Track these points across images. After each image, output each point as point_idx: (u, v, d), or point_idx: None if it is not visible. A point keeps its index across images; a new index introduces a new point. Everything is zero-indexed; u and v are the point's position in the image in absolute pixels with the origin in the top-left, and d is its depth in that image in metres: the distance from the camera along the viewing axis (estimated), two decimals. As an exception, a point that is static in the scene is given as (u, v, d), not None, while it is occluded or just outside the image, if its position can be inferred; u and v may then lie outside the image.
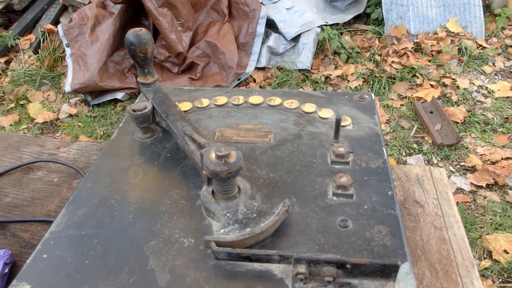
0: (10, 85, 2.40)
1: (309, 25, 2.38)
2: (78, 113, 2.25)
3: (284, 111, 0.63)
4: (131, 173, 0.52)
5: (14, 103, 2.32)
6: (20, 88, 2.37)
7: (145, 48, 0.55)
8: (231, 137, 0.58)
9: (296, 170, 0.52)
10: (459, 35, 2.48)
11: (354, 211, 0.46)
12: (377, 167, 0.52)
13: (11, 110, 2.29)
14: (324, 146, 0.55)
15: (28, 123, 2.21)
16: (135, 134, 0.59)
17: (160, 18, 2.14)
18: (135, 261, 0.41)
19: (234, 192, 0.45)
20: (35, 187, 0.75)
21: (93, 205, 0.48)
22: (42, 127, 2.19)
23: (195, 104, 0.65)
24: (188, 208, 0.47)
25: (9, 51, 2.58)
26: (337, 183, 0.48)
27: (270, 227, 0.42)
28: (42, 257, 0.41)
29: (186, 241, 0.43)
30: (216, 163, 0.41)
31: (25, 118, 2.23)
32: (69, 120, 2.22)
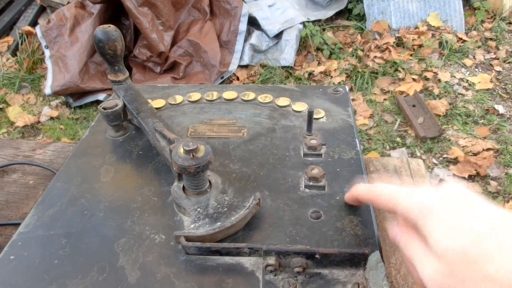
0: (-12, 89, 2.35)
1: (291, 21, 2.38)
2: (59, 115, 2.22)
3: (258, 105, 0.63)
4: (103, 171, 0.52)
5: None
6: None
7: (114, 44, 0.55)
8: (204, 133, 0.57)
9: (269, 164, 0.52)
10: (439, 29, 2.51)
11: (326, 202, 0.46)
12: (350, 159, 0.52)
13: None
14: (298, 139, 0.55)
15: (8, 127, 2.17)
16: (107, 133, 0.59)
17: (140, 18, 2.12)
18: (104, 259, 0.40)
19: (204, 187, 0.45)
20: (9, 190, 0.73)
21: (63, 205, 0.47)
22: (23, 131, 2.16)
23: (168, 101, 0.64)
24: (159, 204, 0.46)
25: (-14, 54, 2.53)
26: (309, 175, 0.48)
27: (240, 220, 0.42)
28: (9, 259, 0.41)
29: (157, 238, 0.42)
30: (184, 158, 0.41)
31: (4, 122, 2.19)
32: (51, 123, 2.19)
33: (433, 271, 0.29)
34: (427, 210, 0.31)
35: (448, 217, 0.29)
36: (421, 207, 0.31)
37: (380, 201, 0.37)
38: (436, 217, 0.30)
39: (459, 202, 0.30)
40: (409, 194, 0.33)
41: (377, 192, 0.37)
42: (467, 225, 0.28)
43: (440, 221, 0.29)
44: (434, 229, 0.30)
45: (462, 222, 0.29)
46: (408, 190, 0.34)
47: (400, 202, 0.34)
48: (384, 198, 0.36)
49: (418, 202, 0.32)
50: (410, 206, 0.32)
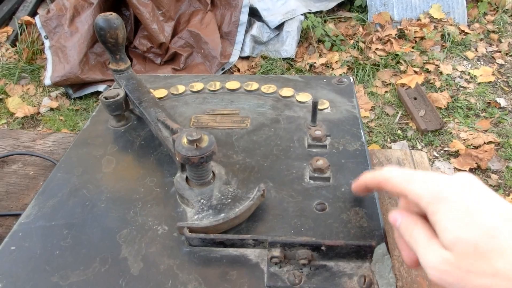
0: (-12, 80, 2.34)
1: (292, 13, 2.36)
2: (59, 106, 2.21)
3: (262, 96, 0.62)
4: (104, 162, 0.51)
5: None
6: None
7: (115, 33, 0.53)
8: (207, 123, 0.57)
9: (273, 155, 0.51)
10: (442, 21, 2.49)
11: (331, 194, 0.45)
12: (355, 150, 0.51)
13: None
14: (302, 130, 0.55)
15: (7, 118, 2.16)
16: (108, 123, 0.58)
17: (141, 8, 2.10)
18: (107, 250, 0.40)
19: (208, 177, 0.44)
20: (10, 181, 0.73)
21: (64, 195, 0.46)
22: (23, 122, 2.15)
23: (170, 91, 0.63)
24: (162, 195, 0.46)
25: (-15, 44, 2.51)
26: (314, 166, 0.47)
27: (244, 212, 0.41)
28: (10, 250, 0.40)
29: (160, 229, 0.42)
30: (187, 148, 0.40)
31: (4, 113, 2.18)
32: (50, 114, 2.18)
33: (437, 259, 0.29)
34: (440, 197, 0.30)
35: (461, 207, 0.29)
36: (434, 194, 0.31)
37: (392, 184, 0.36)
38: (448, 206, 0.29)
39: (473, 194, 0.30)
40: (423, 179, 0.33)
41: (388, 175, 0.36)
42: (480, 218, 0.28)
43: (452, 211, 0.29)
44: (445, 218, 0.29)
45: (475, 214, 0.28)
46: (422, 175, 0.33)
47: (413, 186, 0.33)
48: (395, 180, 0.35)
49: (431, 188, 0.31)
50: (423, 191, 0.32)
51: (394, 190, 0.36)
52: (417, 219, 0.33)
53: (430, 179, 0.32)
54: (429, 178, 0.33)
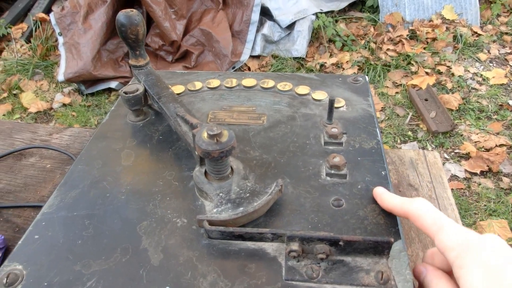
0: (2, 75, 2.37)
1: (304, 12, 2.36)
2: (71, 102, 2.24)
3: (278, 93, 0.62)
4: (124, 155, 0.52)
5: (6, 92, 2.29)
6: (12, 78, 2.35)
7: (136, 29, 0.54)
8: (224, 119, 0.57)
9: (289, 151, 0.51)
10: (454, 22, 2.47)
11: (348, 190, 0.46)
12: (371, 148, 0.52)
13: (3, 100, 2.27)
14: (318, 128, 0.55)
15: (21, 113, 2.19)
16: (127, 117, 0.59)
17: (153, 6, 2.12)
18: (127, 241, 0.41)
19: (227, 172, 0.45)
20: (27, 173, 0.74)
21: (85, 187, 0.47)
22: (36, 117, 2.18)
23: (187, 87, 0.64)
24: (181, 189, 0.47)
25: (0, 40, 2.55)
26: (331, 163, 0.48)
27: (263, 206, 0.42)
28: (33, 238, 0.41)
29: (179, 221, 0.43)
30: (208, 143, 0.41)
31: (18, 108, 2.21)
32: (63, 109, 2.21)
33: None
34: (469, 254, 0.31)
35: (489, 267, 0.30)
36: (464, 249, 0.32)
37: (421, 223, 0.37)
38: (476, 263, 0.30)
39: (502, 256, 0.30)
40: (454, 231, 0.34)
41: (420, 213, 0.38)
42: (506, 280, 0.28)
43: (479, 269, 0.30)
44: (471, 274, 0.30)
45: (501, 276, 0.29)
46: (453, 226, 0.35)
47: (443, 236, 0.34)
48: (426, 222, 0.37)
49: (461, 243, 0.32)
50: (453, 244, 0.33)
51: (423, 230, 0.37)
52: (441, 275, 0.35)
53: (461, 233, 0.33)
54: (460, 231, 0.34)
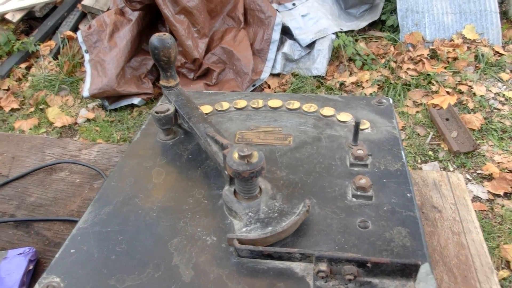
0: (30, 90, 2.46)
1: (324, 31, 2.39)
2: (95, 117, 2.30)
3: (303, 114, 0.64)
4: (154, 173, 0.54)
5: (33, 107, 2.37)
6: (39, 93, 2.43)
7: (168, 52, 0.57)
8: (251, 139, 0.59)
9: (315, 172, 0.52)
10: (475, 42, 2.46)
11: (374, 212, 0.46)
12: (396, 170, 0.52)
13: (30, 114, 2.35)
14: (343, 149, 0.56)
15: (47, 127, 2.26)
16: (157, 136, 0.61)
17: (177, 25, 2.18)
18: (159, 257, 0.42)
19: (255, 192, 0.46)
20: (57, 188, 0.77)
21: (118, 203, 0.49)
22: (61, 131, 2.24)
23: (215, 107, 0.66)
24: (210, 207, 0.48)
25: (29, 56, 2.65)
26: (357, 185, 0.48)
27: (291, 226, 0.43)
28: (70, 252, 0.43)
29: (209, 239, 0.44)
30: (238, 163, 0.42)
31: (44, 122, 2.28)
32: (87, 124, 2.26)
33: None
34: None
35: None
36: None
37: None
38: None
39: None
40: None
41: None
42: None
43: None
44: None
45: None
46: None
47: None
48: None
49: None
50: None
51: None
52: None
53: None
54: None
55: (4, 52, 2.59)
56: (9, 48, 2.57)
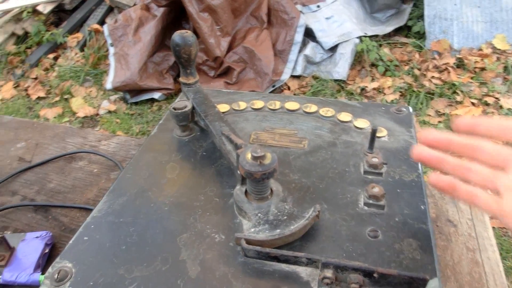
0: (56, 80, 2.52)
1: (348, 35, 2.37)
2: (116, 109, 2.34)
3: (320, 118, 0.64)
4: (169, 168, 0.55)
5: (58, 97, 2.43)
6: (65, 83, 2.49)
7: (189, 49, 0.58)
8: (266, 141, 0.59)
9: (328, 177, 0.52)
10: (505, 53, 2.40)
11: (385, 222, 0.46)
12: (411, 181, 0.51)
13: (55, 103, 2.41)
14: (358, 156, 0.56)
15: (70, 116, 2.31)
16: (174, 132, 0.62)
17: (200, 22, 2.20)
18: (168, 251, 0.43)
19: (266, 193, 0.46)
20: (76, 176, 0.79)
21: (132, 195, 0.50)
22: (83, 121, 2.29)
23: (232, 107, 0.67)
24: (221, 205, 0.48)
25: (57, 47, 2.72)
26: (369, 193, 0.48)
27: (299, 230, 0.43)
28: (83, 239, 0.44)
29: (217, 237, 0.44)
30: (251, 164, 0.42)
31: (67, 112, 2.33)
32: (108, 116, 2.31)
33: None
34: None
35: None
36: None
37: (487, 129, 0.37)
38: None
39: None
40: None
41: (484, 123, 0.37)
42: None
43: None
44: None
45: None
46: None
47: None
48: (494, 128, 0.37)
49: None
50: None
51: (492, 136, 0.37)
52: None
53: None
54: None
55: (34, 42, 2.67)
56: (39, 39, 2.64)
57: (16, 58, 2.61)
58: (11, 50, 2.62)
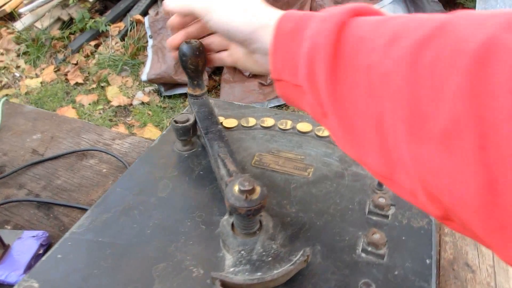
0: (95, 67, 2.59)
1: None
2: (150, 101, 2.37)
3: (332, 144, 0.59)
4: (161, 185, 0.52)
5: (95, 84, 2.49)
6: (103, 71, 2.55)
7: (196, 60, 0.54)
8: (269, 164, 0.55)
9: (328, 214, 0.48)
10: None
11: (382, 274, 0.41)
12: (420, 228, 0.46)
13: (92, 90, 2.47)
14: (365, 192, 0.51)
15: (104, 104, 2.36)
16: (174, 145, 0.59)
17: (239, 21, 2.17)
18: (140, 282, 0.40)
19: (254, 229, 0.42)
20: (84, 174, 0.78)
21: (116, 212, 0.48)
22: (116, 110, 2.33)
23: (241, 122, 0.63)
24: (206, 234, 0.45)
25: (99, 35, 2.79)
26: (369, 239, 0.43)
27: (282, 276, 0.39)
28: (56, 258, 0.42)
29: (195, 271, 0.41)
30: (237, 197, 0.39)
31: (102, 100, 2.39)
32: (141, 107, 2.34)
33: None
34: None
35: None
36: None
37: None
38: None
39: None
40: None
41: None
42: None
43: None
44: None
45: None
46: None
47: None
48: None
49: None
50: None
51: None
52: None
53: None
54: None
55: (78, 28, 2.75)
56: (82, 25, 2.72)
57: (59, 43, 2.70)
58: (55, 34, 2.71)
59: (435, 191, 0.23)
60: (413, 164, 0.24)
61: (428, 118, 0.22)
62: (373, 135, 0.27)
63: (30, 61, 2.64)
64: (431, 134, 0.22)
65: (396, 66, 0.25)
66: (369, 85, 0.27)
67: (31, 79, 2.52)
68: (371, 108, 0.27)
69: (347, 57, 0.29)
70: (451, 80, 0.21)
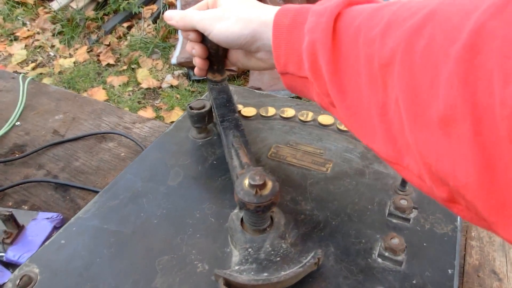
0: (126, 49, 2.61)
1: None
2: (178, 85, 2.37)
3: (353, 139, 0.55)
4: (172, 173, 0.50)
5: (126, 65, 2.51)
6: (134, 53, 2.56)
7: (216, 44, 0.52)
8: (286, 157, 0.52)
9: (345, 213, 0.45)
10: None
11: (399, 282, 0.38)
12: (443, 234, 0.42)
13: (122, 72, 2.49)
14: (387, 192, 0.47)
15: (134, 86, 2.38)
16: (189, 132, 0.57)
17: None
18: (142, 273, 0.39)
19: (264, 225, 0.40)
20: (103, 157, 0.78)
21: (124, 199, 0.46)
22: (145, 92, 2.35)
23: (260, 112, 0.60)
24: (215, 227, 0.43)
25: (132, 17, 2.80)
26: (386, 244, 0.40)
27: (290, 278, 0.36)
28: (60, 243, 0.41)
29: (200, 266, 0.39)
30: (246, 192, 0.36)
31: (132, 82, 2.41)
32: (169, 90, 2.35)
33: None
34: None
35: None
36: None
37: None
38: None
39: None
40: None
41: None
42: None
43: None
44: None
45: None
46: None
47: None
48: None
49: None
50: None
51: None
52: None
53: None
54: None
55: (112, 9, 2.77)
56: (116, 7, 2.74)
57: (93, 23, 2.73)
58: (90, 15, 2.74)
59: (440, 174, 0.24)
60: (417, 150, 0.25)
61: (427, 105, 0.23)
62: (378, 123, 0.29)
63: (65, 41, 2.69)
64: (430, 121, 0.23)
65: (393, 55, 0.26)
66: (370, 74, 0.28)
67: (65, 59, 2.57)
68: (373, 97, 0.28)
69: (345, 49, 0.30)
70: (444, 68, 0.22)
